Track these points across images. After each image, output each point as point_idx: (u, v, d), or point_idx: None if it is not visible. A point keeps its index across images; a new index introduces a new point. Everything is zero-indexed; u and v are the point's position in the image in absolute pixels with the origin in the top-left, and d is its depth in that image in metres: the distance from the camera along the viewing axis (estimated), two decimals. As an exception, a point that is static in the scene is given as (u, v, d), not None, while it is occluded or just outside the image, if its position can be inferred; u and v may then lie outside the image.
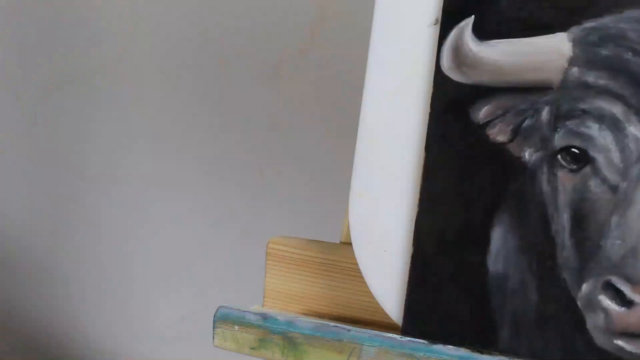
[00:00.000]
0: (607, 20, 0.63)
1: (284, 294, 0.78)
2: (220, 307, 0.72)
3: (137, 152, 1.64)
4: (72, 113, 1.67)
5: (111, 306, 1.70)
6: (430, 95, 0.67)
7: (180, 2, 1.56)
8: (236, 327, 0.71)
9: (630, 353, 0.61)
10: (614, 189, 0.61)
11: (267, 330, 0.69)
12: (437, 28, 0.68)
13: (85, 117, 1.67)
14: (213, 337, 0.72)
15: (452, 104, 0.67)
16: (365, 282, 0.70)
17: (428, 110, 0.68)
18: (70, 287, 1.73)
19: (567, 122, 0.63)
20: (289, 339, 0.68)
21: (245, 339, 0.70)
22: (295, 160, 1.51)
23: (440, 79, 0.67)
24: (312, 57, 1.47)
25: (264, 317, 0.70)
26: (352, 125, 0.71)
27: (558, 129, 0.63)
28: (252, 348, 0.70)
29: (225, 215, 1.58)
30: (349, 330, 0.67)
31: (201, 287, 1.62)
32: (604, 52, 0.62)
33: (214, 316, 0.71)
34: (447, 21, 0.67)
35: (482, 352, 0.64)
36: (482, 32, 0.66)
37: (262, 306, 0.78)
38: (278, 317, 0.69)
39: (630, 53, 0.62)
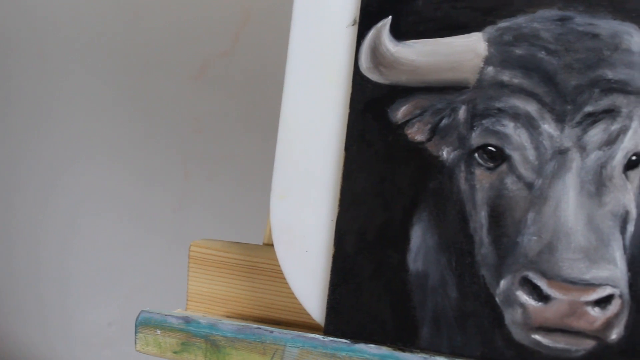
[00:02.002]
0: (520, 20, 0.64)
1: (207, 296, 0.77)
2: (142, 311, 0.71)
3: (63, 157, 1.61)
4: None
5: (38, 312, 1.68)
6: (349, 95, 0.68)
7: (103, 5, 1.54)
8: (158, 332, 0.70)
9: (548, 347, 0.62)
10: (529, 186, 0.62)
11: (189, 333, 0.69)
12: (355, 28, 0.68)
13: (9, 123, 1.64)
14: (135, 342, 0.71)
15: (371, 104, 0.67)
16: (287, 283, 0.70)
17: (347, 110, 0.68)
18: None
19: (484, 121, 0.64)
20: (211, 341, 0.68)
21: (167, 343, 0.70)
22: (221, 163, 1.50)
23: (358, 79, 0.67)
24: (236, 59, 1.46)
25: (186, 320, 0.69)
26: (277, 126, 0.71)
27: (475, 128, 0.64)
28: (175, 352, 0.69)
29: (152, 219, 1.57)
30: (271, 332, 0.67)
31: (129, 292, 1.60)
32: (518, 51, 0.63)
33: (136, 321, 0.71)
34: (365, 22, 0.68)
35: (403, 350, 0.65)
36: (400, 33, 0.66)
37: (186, 309, 0.78)
38: (200, 320, 0.69)
39: (543, 52, 0.63)
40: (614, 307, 0.60)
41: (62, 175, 1.62)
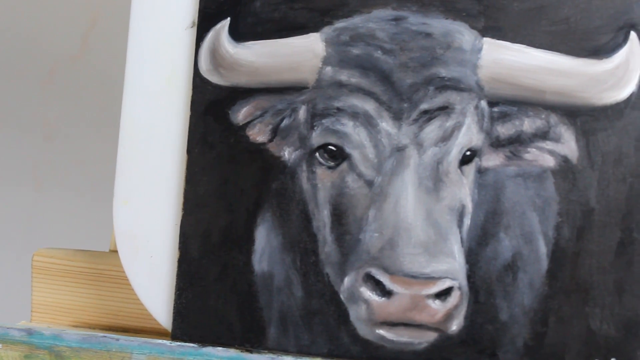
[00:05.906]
0: (356, 20, 0.65)
1: (52, 306, 0.75)
2: (-18, 325, 0.69)
3: None
4: None
5: None
6: (189, 98, 0.67)
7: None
8: (0, 345, 0.68)
9: (392, 341, 0.63)
10: (369, 183, 0.63)
11: (32, 345, 0.67)
12: (194, 30, 0.68)
13: None
14: (-24, 358, 0.69)
15: (212, 106, 0.67)
16: (134, 290, 0.69)
17: (188, 113, 0.67)
18: None
19: (323, 120, 0.64)
20: (55, 352, 0.66)
21: (10, 357, 0.67)
22: (73, 170, 1.47)
23: (199, 82, 0.67)
24: (85, 62, 1.44)
25: (29, 332, 0.67)
26: (125, 131, 0.70)
27: (315, 128, 0.65)
28: (18, 365, 0.67)
29: (1, 230, 1.52)
30: (117, 340, 0.65)
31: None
32: (355, 51, 0.64)
33: (-24, 336, 0.68)
34: (204, 23, 0.68)
35: (251, 352, 0.65)
36: (239, 34, 0.67)
37: (30, 321, 0.76)
38: (44, 332, 0.67)
39: (379, 51, 0.64)
40: (453, 299, 0.62)
41: None
